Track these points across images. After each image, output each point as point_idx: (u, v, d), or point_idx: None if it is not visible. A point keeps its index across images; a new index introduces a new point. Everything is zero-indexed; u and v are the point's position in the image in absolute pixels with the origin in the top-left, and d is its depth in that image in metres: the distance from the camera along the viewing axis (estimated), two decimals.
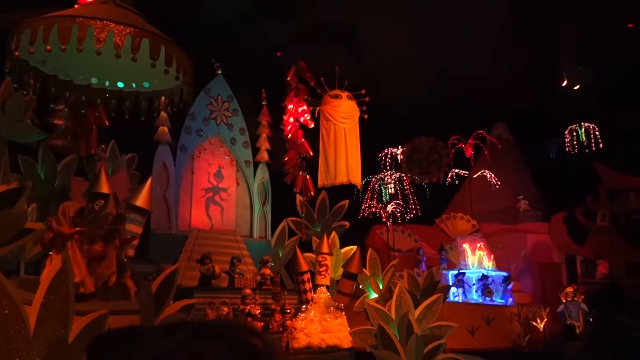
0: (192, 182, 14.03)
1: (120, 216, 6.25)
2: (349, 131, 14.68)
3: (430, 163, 19.65)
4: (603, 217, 19.84)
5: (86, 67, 7.60)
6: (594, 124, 20.55)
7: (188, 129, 14.06)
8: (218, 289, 11.98)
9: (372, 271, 12.99)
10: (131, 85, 7.41)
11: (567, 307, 15.19)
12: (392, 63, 20.26)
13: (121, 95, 7.75)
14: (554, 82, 21.50)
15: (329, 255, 12.66)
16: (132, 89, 7.49)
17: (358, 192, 17.34)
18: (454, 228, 20.25)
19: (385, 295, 12.85)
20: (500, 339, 14.98)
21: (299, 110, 14.52)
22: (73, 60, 7.20)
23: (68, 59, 7.10)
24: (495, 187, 20.82)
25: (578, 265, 19.28)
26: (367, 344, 10.44)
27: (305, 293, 12.01)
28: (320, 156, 14.63)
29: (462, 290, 16.13)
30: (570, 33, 19.52)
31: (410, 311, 11.09)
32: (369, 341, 10.50)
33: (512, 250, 19.47)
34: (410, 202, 18.41)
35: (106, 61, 6.96)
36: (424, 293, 12.27)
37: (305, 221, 15.29)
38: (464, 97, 21.75)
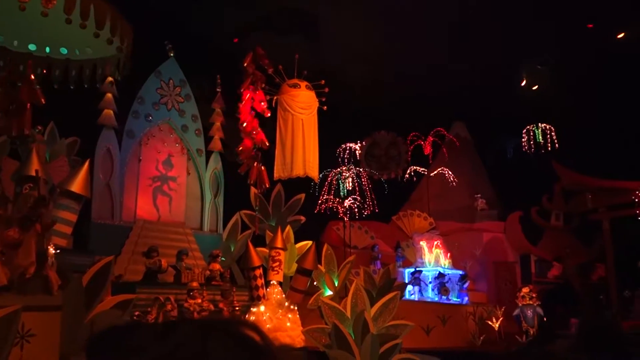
0: (139, 170, 13.17)
1: (43, 199, 5.49)
2: (307, 122, 14.16)
3: (389, 159, 19.35)
4: (557, 217, 19.97)
5: (22, 30, 6.75)
6: (550, 125, 20.65)
7: (136, 114, 13.18)
8: (164, 284, 11.26)
9: (328, 267, 12.54)
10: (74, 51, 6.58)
11: (523, 310, 15.09)
12: (353, 56, 19.80)
13: (57, 63, 6.88)
14: (512, 81, 21.50)
15: (282, 250, 12.07)
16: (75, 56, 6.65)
17: (315, 186, 16.83)
18: (410, 226, 20.05)
19: (340, 293, 12.44)
20: (456, 338, 14.77)
21: (255, 99, 13.87)
22: (7, 22, 6.37)
23: None
24: (452, 185, 20.69)
25: (532, 264, 19.34)
26: (321, 344, 9.95)
27: (256, 289, 11.38)
28: (277, 147, 14.05)
29: (418, 289, 15.87)
30: (529, 33, 19.52)
31: (366, 309, 10.67)
32: (323, 340, 10.04)
33: (468, 249, 19.37)
34: (368, 198, 18.00)
35: (44, 24, 6.16)
36: (380, 291, 11.92)
37: (259, 214, 14.67)
38: (423, 94, 21.52)
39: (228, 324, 1.07)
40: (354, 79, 20.26)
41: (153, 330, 1.05)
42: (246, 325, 1.07)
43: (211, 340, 1.00)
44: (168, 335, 1.02)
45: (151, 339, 1.02)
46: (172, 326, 1.05)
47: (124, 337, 1.06)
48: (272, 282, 11.88)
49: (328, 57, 18.88)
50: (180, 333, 1.02)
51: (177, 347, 0.99)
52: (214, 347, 0.99)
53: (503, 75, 21.78)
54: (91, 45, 6.28)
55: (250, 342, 1.03)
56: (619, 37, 16.44)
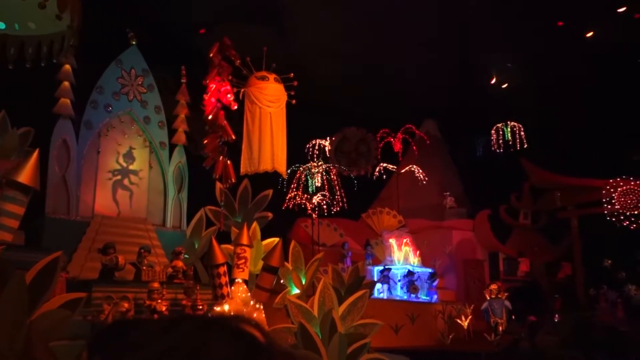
0: (98, 162, 12.54)
1: None
2: (275, 116, 13.77)
3: (359, 155, 19.08)
4: (525, 215, 20.04)
5: None
6: (519, 123, 20.70)
7: (94, 103, 12.53)
8: (122, 282, 10.71)
9: (295, 265, 12.16)
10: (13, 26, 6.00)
11: (491, 304, 15.02)
12: (323, 51, 19.48)
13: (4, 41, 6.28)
14: (482, 79, 21.48)
15: (248, 247, 11.62)
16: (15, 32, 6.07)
17: (283, 182, 16.41)
18: (380, 223, 19.86)
19: (308, 291, 12.10)
20: (425, 337, 14.58)
21: (221, 90, 13.40)
22: None
23: None
24: (422, 183, 20.54)
25: (500, 262, 19.36)
26: (287, 344, 9.54)
27: (220, 288, 10.92)
28: (244, 141, 13.62)
29: (387, 287, 15.65)
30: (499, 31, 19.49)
31: (334, 308, 10.33)
32: (289, 340, 9.64)
33: (438, 247, 19.28)
34: (337, 195, 17.68)
35: None
36: (348, 289, 11.61)
37: (225, 210, 14.17)
38: (394, 91, 21.36)
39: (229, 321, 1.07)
40: (324, 73, 19.94)
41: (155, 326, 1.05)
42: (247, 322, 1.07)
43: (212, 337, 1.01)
44: (170, 331, 1.03)
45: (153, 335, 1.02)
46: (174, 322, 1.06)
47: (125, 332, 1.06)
48: (237, 280, 11.44)
49: (298, 51, 18.53)
50: (181, 329, 1.03)
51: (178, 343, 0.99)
52: (214, 344, 1.00)
53: (473, 74, 21.77)
54: (35, 19, 5.75)
55: (251, 339, 1.03)
56: (588, 35, 16.52)
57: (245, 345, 1.02)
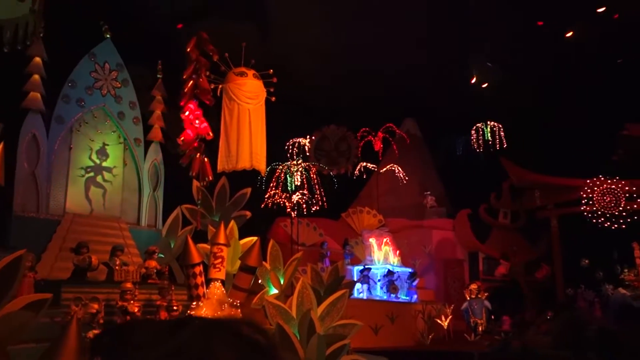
0: (69, 159, 12.11)
1: None
2: (254, 112, 13.49)
3: (339, 154, 18.89)
4: (505, 215, 20.05)
5: None
6: (499, 123, 20.70)
7: (66, 98, 12.11)
8: (94, 282, 10.36)
9: (273, 265, 11.91)
10: None
11: (471, 304, 14.97)
12: (304, 48, 19.21)
13: None
14: (463, 79, 21.46)
15: (225, 246, 11.32)
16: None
17: (262, 180, 16.14)
18: (360, 222, 19.69)
19: (286, 291, 11.86)
20: (405, 338, 14.44)
21: (198, 86, 13.10)
22: None
23: None
24: (402, 182, 20.43)
25: (480, 262, 19.33)
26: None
27: (196, 288, 10.61)
28: (221, 138, 13.31)
29: (367, 287, 15.48)
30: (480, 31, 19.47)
31: (312, 309, 10.13)
32: None
33: (417, 246, 19.19)
34: (317, 194, 17.46)
35: None
36: (328, 289, 11.43)
37: (202, 209, 13.87)
38: (375, 90, 21.21)
39: (233, 324, 1.08)
40: (304, 71, 19.68)
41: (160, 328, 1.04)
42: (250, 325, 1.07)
43: (216, 339, 1.01)
44: (175, 333, 1.01)
45: (158, 337, 1.01)
46: (179, 324, 1.05)
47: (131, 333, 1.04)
48: (214, 280, 11.16)
49: (278, 47, 18.24)
50: (186, 331, 1.01)
51: (183, 345, 0.99)
52: (219, 346, 1.00)
53: (453, 73, 21.74)
54: None
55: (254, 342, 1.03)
56: (568, 36, 16.56)
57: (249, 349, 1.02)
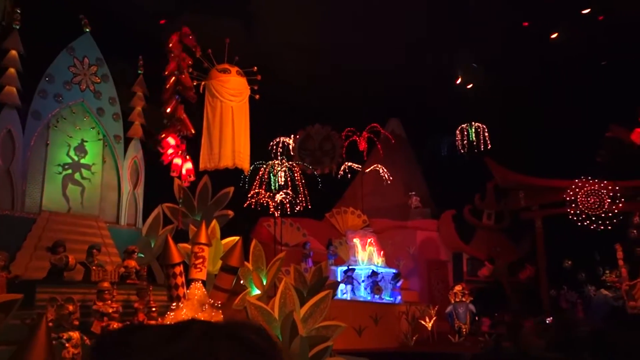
0: (46, 155, 11.76)
1: None
2: (237, 110, 13.27)
3: (323, 153, 18.71)
4: (489, 216, 20.03)
5: None
6: (484, 124, 20.68)
7: (43, 93, 11.75)
8: (70, 282, 10.04)
9: (256, 265, 11.68)
10: None
11: (455, 308, 14.91)
12: (289, 46, 19.03)
13: None
14: (448, 80, 21.41)
15: (206, 246, 11.07)
16: None
17: (245, 180, 15.90)
18: (344, 223, 19.54)
19: (269, 292, 11.65)
20: (388, 339, 14.31)
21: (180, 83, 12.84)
22: None
23: None
24: (387, 182, 20.31)
25: (464, 263, 19.28)
26: None
27: (176, 288, 10.33)
28: (204, 136, 13.08)
29: (350, 288, 15.33)
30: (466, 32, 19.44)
31: (295, 310, 9.92)
32: None
33: (402, 247, 19.08)
34: (301, 194, 17.26)
35: None
36: (311, 290, 11.25)
37: (183, 208, 13.61)
38: (359, 89, 21.10)
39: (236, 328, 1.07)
40: (289, 70, 19.49)
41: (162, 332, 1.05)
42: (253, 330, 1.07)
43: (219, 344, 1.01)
44: (177, 338, 1.02)
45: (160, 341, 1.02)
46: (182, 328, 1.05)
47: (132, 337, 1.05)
48: (194, 280, 10.92)
49: (263, 45, 18.03)
50: (189, 335, 1.03)
51: (185, 350, 1.00)
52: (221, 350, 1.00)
53: (439, 74, 21.68)
54: None
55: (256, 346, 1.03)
56: (553, 37, 16.56)
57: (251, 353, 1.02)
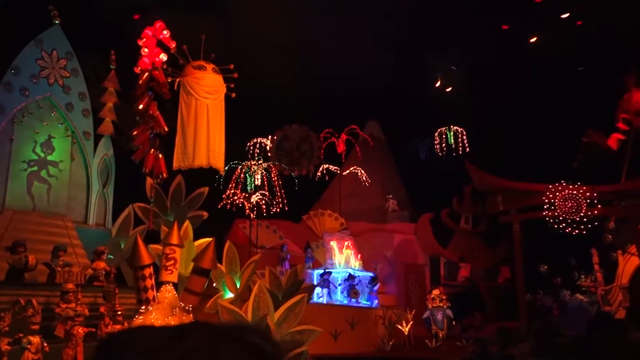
0: (11, 151, 11.27)
1: None
2: (213, 108, 12.93)
3: (301, 154, 18.39)
4: (467, 219, 19.94)
5: None
6: (462, 128, 20.61)
7: (8, 86, 11.26)
8: (32, 284, 9.60)
9: (229, 267, 11.35)
10: None
11: (433, 313, 14.73)
12: (268, 45, 18.70)
13: None
14: (427, 83, 21.30)
15: (178, 247, 10.68)
16: None
17: (220, 180, 15.50)
18: (321, 225, 19.26)
19: (243, 295, 11.31)
20: (365, 343, 14.05)
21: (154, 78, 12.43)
22: None
23: None
24: (365, 185, 20.09)
25: (441, 267, 19.14)
26: None
27: (145, 291, 9.94)
28: (178, 134, 12.70)
29: (327, 291, 15.05)
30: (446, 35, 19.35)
31: (269, 314, 9.62)
32: None
33: (379, 250, 18.85)
34: (277, 195, 16.91)
35: None
36: (286, 293, 10.95)
37: (155, 208, 13.18)
38: (338, 91, 20.84)
39: (239, 331, 1.07)
40: (268, 69, 19.16)
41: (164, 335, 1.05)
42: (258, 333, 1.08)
43: (221, 347, 1.02)
44: (179, 340, 1.02)
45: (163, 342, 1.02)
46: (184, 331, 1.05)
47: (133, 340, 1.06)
48: (165, 283, 10.52)
49: (240, 43, 17.67)
50: (191, 339, 1.02)
51: (187, 353, 0.99)
52: (224, 354, 1.01)
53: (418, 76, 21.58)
54: None
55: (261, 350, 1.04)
56: (532, 41, 16.55)
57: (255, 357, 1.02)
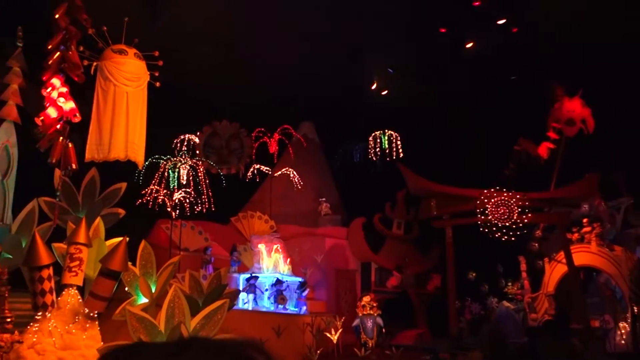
0: None
1: None
2: (133, 97, 11.95)
3: (231, 152, 17.48)
4: (399, 225, 19.67)
5: None
6: (397, 132, 20.36)
7: None
8: None
9: (144, 270, 10.29)
10: None
11: (363, 321, 14.22)
12: (199, 36, 17.64)
13: None
14: (363, 85, 20.92)
15: (85, 246, 9.59)
16: None
17: (140, 175, 14.35)
18: (250, 228, 18.44)
19: (158, 301, 10.28)
20: (291, 352, 13.28)
21: (67, 60, 11.28)
22: None
23: None
24: (297, 187, 19.40)
25: (373, 273, 18.73)
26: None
27: (42, 295, 8.81)
28: (92, 122, 11.64)
29: (253, 297, 14.23)
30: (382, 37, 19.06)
31: (185, 321, 8.69)
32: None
33: (310, 255, 18.23)
34: (204, 194, 15.92)
35: None
36: (207, 299, 10.09)
37: (64, 203, 11.94)
38: (273, 89, 20.10)
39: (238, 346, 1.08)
40: (198, 61, 18.17)
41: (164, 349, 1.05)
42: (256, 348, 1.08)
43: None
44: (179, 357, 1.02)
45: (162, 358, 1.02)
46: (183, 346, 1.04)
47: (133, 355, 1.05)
48: (68, 286, 9.39)
49: (169, 31, 16.58)
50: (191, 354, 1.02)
51: None
52: None
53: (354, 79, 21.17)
54: None
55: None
56: (468, 46, 16.50)
57: None
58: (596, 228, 16.57)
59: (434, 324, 17.89)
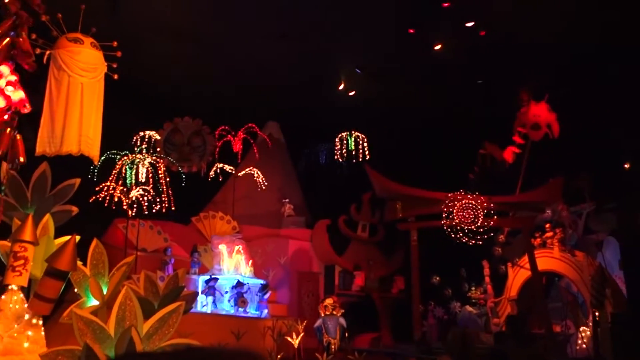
0: None
1: None
2: (89, 88, 11.39)
3: (192, 149, 16.94)
4: (364, 227, 19.46)
5: None
6: (363, 134, 20.16)
7: None
8: None
9: (95, 270, 9.74)
10: None
11: (325, 322, 13.89)
12: (161, 28, 17.04)
13: None
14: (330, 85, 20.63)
15: (31, 244, 9.03)
16: None
17: (94, 171, 13.69)
18: (211, 228, 17.97)
19: (110, 303, 9.72)
20: None
21: (17, 46, 10.63)
22: None
23: None
24: (261, 188, 18.98)
25: (336, 276, 18.44)
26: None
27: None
28: (44, 114, 11.06)
29: (212, 299, 13.76)
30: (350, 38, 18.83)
31: (136, 324, 8.18)
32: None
33: (273, 257, 17.84)
34: (164, 193, 15.35)
35: None
36: (163, 301, 9.58)
37: (11, 198, 11.26)
38: (237, 87, 19.63)
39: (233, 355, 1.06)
40: (159, 55, 17.57)
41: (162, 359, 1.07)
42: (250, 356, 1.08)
43: None
44: None
45: None
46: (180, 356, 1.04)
47: None
48: (11, 286, 8.79)
49: (129, 21, 15.98)
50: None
51: None
52: None
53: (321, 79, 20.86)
54: None
55: None
56: (437, 48, 16.41)
57: None
58: (558, 233, 16.66)
59: (397, 327, 17.70)
